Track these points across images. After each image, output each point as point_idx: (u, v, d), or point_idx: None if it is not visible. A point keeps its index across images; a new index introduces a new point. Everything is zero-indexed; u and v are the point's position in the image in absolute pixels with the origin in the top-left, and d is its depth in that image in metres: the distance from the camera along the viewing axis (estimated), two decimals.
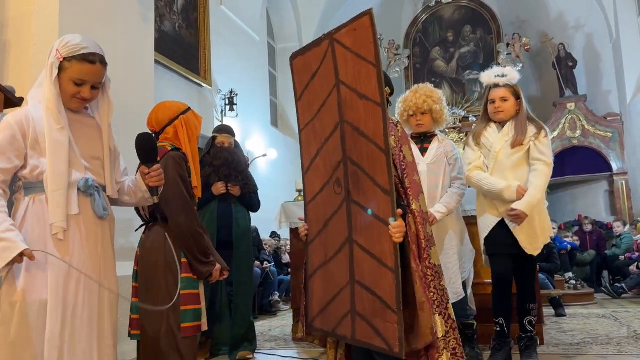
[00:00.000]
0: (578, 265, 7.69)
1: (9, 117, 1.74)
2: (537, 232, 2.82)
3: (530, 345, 2.87)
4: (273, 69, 10.77)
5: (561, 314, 5.00)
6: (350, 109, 2.00)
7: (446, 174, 3.12)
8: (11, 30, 3.35)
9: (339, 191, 2.06)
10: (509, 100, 2.92)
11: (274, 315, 6.11)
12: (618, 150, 9.83)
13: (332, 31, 2.05)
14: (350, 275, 2.00)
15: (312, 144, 2.20)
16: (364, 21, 1.90)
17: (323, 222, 2.16)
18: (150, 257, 2.14)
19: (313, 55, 2.17)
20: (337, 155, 2.07)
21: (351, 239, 2.02)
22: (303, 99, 2.26)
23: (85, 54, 1.77)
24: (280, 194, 7.62)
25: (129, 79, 3.72)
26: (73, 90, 1.77)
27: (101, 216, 1.80)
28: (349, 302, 2.00)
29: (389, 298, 1.84)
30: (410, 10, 12.02)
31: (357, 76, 1.95)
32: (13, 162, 1.69)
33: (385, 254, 1.87)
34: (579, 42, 10.78)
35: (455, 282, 3.02)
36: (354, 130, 1.99)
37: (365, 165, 1.96)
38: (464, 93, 11.04)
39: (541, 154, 2.83)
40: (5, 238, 1.58)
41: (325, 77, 2.11)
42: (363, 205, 1.97)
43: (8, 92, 2.33)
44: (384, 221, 1.89)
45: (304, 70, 2.23)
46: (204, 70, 7.41)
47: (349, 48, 1.98)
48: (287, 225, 4.19)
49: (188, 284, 2.14)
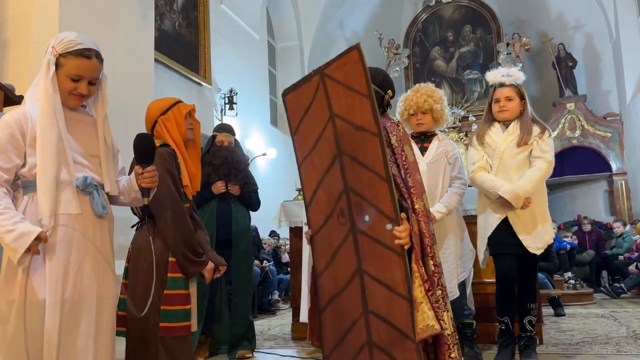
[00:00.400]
0: (577, 265, 7.70)
1: (6, 116, 1.75)
2: (539, 230, 2.83)
3: (530, 345, 2.88)
4: (273, 68, 10.76)
5: (560, 313, 5.01)
6: (347, 140, 2.02)
7: (446, 174, 3.12)
8: (11, 29, 3.35)
9: (343, 222, 2.06)
10: (513, 100, 2.92)
11: (273, 315, 6.11)
12: (617, 150, 9.83)
13: (321, 67, 2.08)
14: (364, 306, 1.98)
15: (312, 177, 2.21)
16: (352, 55, 1.93)
17: (330, 255, 2.14)
18: (137, 255, 2.13)
19: (304, 91, 2.19)
20: (339, 186, 2.07)
21: (361, 269, 2.00)
22: (299, 133, 2.27)
23: (80, 49, 1.77)
24: (279, 193, 7.62)
25: (128, 78, 3.72)
26: (70, 86, 1.77)
27: (100, 215, 1.80)
28: (364, 334, 1.98)
29: (405, 327, 1.84)
30: (410, 9, 12.02)
31: (351, 108, 1.97)
32: (14, 160, 1.70)
33: (397, 281, 1.87)
34: (578, 42, 10.78)
35: (450, 282, 3.02)
36: (353, 161, 2.00)
37: (367, 194, 1.96)
38: (463, 93, 11.04)
39: (542, 152, 2.85)
40: (17, 228, 1.60)
41: (318, 111, 2.12)
42: (370, 234, 1.97)
43: (8, 90, 2.33)
44: (392, 248, 1.88)
45: (297, 106, 2.25)
46: (203, 69, 7.41)
47: (340, 82, 2.00)
48: (287, 224, 4.19)
49: (174, 284, 2.08)
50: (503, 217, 2.85)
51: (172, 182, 2.15)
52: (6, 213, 1.63)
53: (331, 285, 2.15)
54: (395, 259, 1.86)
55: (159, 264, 2.08)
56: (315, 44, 11.42)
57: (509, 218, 2.84)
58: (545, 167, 2.83)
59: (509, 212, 2.83)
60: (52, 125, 1.72)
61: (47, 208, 1.68)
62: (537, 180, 2.80)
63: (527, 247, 2.80)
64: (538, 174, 2.81)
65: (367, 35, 11.72)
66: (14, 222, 1.61)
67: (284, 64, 11.13)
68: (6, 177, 1.68)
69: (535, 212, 2.83)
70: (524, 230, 2.81)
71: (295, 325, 4.13)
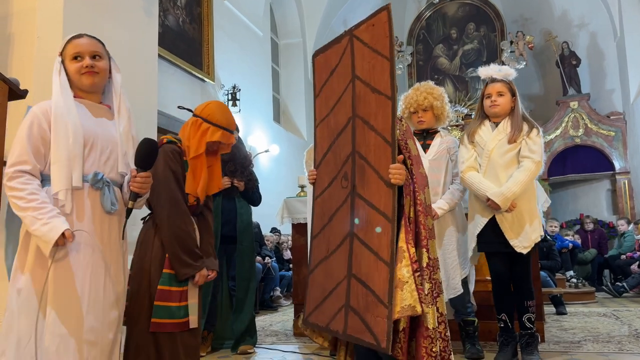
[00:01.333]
0: (579, 263, 7.69)
1: (34, 108, 1.83)
2: (526, 230, 2.82)
3: (531, 343, 2.88)
4: (276, 65, 10.76)
5: (562, 312, 5.00)
6: (362, 103, 2.04)
7: (448, 170, 3.13)
8: (16, 24, 3.36)
9: (345, 185, 2.09)
10: (505, 96, 2.93)
11: (275, 311, 6.13)
12: (621, 149, 9.81)
13: (352, 27, 2.13)
14: (348, 269, 2.01)
15: (325, 140, 2.24)
16: (381, 16, 1.98)
17: (328, 217, 2.18)
18: (139, 248, 2.14)
19: (333, 52, 2.23)
20: (347, 149, 2.10)
21: (352, 233, 2.03)
22: (321, 95, 2.31)
23: (71, 37, 1.92)
24: (282, 189, 7.63)
25: (132, 74, 3.72)
26: (76, 65, 1.87)
27: (108, 210, 1.83)
28: (344, 297, 2.01)
29: (381, 292, 1.85)
30: (414, 7, 12.00)
31: (372, 71, 2.00)
32: (40, 149, 1.77)
33: (383, 247, 1.89)
34: (582, 40, 10.75)
35: (454, 278, 3.03)
36: (364, 124, 2.02)
37: (372, 158, 1.98)
38: (466, 90, 11.03)
39: (530, 152, 2.83)
40: (51, 222, 1.68)
41: (342, 73, 2.15)
42: (366, 198, 1.98)
43: (12, 84, 2.34)
44: (384, 214, 1.89)
45: (324, 67, 2.28)
46: (207, 65, 7.41)
47: (366, 43, 2.04)
48: (289, 220, 4.20)
49: (168, 280, 2.06)
50: (490, 216, 2.86)
51: (175, 181, 2.10)
52: (43, 208, 1.69)
53: (322, 248, 2.17)
54: (386, 224, 1.88)
55: (156, 258, 2.07)
56: (319, 41, 11.40)
57: (496, 218, 2.85)
58: (533, 167, 2.80)
59: (496, 212, 2.84)
60: (64, 109, 1.79)
61: (62, 182, 1.73)
62: (525, 181, 2.78)
63: (514, 247, 2.81)
64: (525, 175, 2.79)
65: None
66: (50, 217, 1.68)
67: (287, 61, 11.13)
68: (38, 166, 1.76)
69: (523, 211, 2.83)
70: (511, 229, 2.82)
71: (297, 322, 4.13)
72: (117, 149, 1.89)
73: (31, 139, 1.75)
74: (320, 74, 2.33)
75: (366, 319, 1.89)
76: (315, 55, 2.37)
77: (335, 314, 2.04)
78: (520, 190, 2.78)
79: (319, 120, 2.33)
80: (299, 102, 10.90)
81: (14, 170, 1.72)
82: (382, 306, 1.83)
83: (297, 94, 10.96)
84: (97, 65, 1.89)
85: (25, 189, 1.70)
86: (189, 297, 2.10)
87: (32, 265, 1.72)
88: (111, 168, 1.87)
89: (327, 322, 2.08)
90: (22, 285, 1.71)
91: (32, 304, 1.69)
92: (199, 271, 2.11)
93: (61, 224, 1.68)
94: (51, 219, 1.68)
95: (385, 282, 1.84)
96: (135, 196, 1.86)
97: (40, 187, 1.74)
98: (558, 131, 10.11)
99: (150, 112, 3.92)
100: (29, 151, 1.74)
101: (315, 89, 2.36)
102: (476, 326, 3.17)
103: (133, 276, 2.10)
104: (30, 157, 1.74)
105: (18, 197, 1.69)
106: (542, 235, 2.88)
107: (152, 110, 3.96)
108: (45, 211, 1.68)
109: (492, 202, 2.79)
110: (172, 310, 2.04)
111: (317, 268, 2.21)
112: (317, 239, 2.24)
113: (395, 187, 1.89)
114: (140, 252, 2.13)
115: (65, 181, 1.74)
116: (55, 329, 1.68)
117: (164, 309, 2.03)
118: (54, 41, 3.17)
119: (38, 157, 1.76)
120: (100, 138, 1.85)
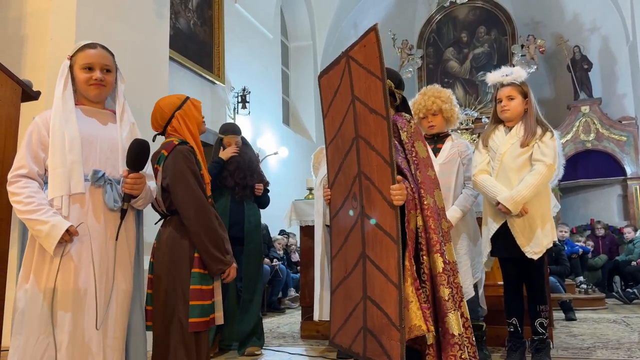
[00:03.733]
0: (589, 269, 7.62)
1: (37, 117, 1.89)
2: (538, 235, 2.79)
3: (542, 349, 2.85)
4: (286, 68, 10.78)
5: (571, 317, 4.96)
6: (363, 123, 2.05)
7: (459, 174, 3.11)
8: (29, 25, 3.40)
9: (355, 205, 2.10)
10: (515, 99, 2.91)
11: (282, 313, 6.13)
12: (632, 155, 9.72)
13: (348, 48, 2.15)
14: (364, 291, 2.00)
15: (336, 159, 2.27)
16: (370, 37, 2.00)
17: (344, 237, 2.18)
18: (163, 250, 2.14)
19: (335, 73, 2.26)
20: (354, 169, 2.11)
21: (364, 254, 2.02)
22: (329, 115, 2.35)
23: (85, 44, 1.95)
24: (290, 192, 7.63)
25: (143, 75, 3.75)
26: (86, 75, 1.91)
27: (111, 207, 1.86)
28: (362, 319, 2.00)
29: (393, 314, 1.84)
30: (424, 10, 11.97)
31: (368, 91, 2.02)
32: (40, 154, 1.82)
33: (391, 269, 1.88)
34: (594, 44, 10.66)
35: (464, 282, 3.02)
36: (366, 145, 2.03)
37: (375, 179, 1.98)
38: (477, 94, 10.98)
39: (542, 155, 2.79)
40: (50, 221, 1.72)
41: (344, 93, 2.18)
42: (373, 219, 1.99)
43: (25, 85, 2.36)
44: (390, 235, 1.89)
45: (329, 88, 2.32)
46: (217, 67, 7.45)
47: (361, 64, 2.06)
48: (297, 223, 4.20)
49: (199, 279, 2.09)
50: (503, 221, 2.84)
51: (195, 180, 2.12)
52: (41, 209, 1.73)
53: (341, 268, 2.18)
54: (392, 246, 1.87)
55: (185, 259, 2.09)
56: (329, 43, 11.42)
57: (507, 222, 2.83)
58: (545, 170, 2.76)
59: (507, 217, 2.82)
60: (62, 117, 1.83)
61: (57, 189, 1.77)
62: (536, 185, 2.74)
63: (525, 252, 2.78)
64: (536, 179, 2.75)
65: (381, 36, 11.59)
66: (48, 217, 1.73)
67: (297, 64, 11.15)
68: (37, 169, 1.81)
69: (535, 215, 2.79)
70: (522, 234, 2.80)
71: (304, 324, 4.14)
72: (118, 149, 1.92)
73: (30, 146, 1.82)
74: (326, 95, 2.37)
75: (382, 341, 1.88)
76: (320, 76, 2.42)
77: (356, 335, 2.04)
78: (531, 194, 2.74)
79: (329, 140, 2.36)
80: (308, 105, 10.91)
81: (12, 176, 1.79)
82: (394, 329, 1.82)
83: (306, 96, 10.98)
84: (106, 79, 1.94)
85: (23, 192, 1.75)
86: (214, 295, 2.15)
87: (39, 265, 1.75)
88: (112, 167, 1.90)
89: (349, 344, 2.08)
90: (30, 286, 1.74)
91: (41, 303, 1.72)
92: (230, 265, 2.15)
93: (63, 221, 1.73)
94: (50, 218, 1.72)
95: (396, 304, 1.83)
96: (129, 197, 1.89)
97: (39, 189, 1.80)
98: (569, 136, 10.03)
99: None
100: (27, 156, 1.80)
101: (323, 110, 2.40)
102: (484, 331, 3.15)
103: (157, 279, 2.11)
104: (28, 161, 1.79)
105: (17, 201, 1.76)
106: (561, 241, 2.86)
107: None
108: (44, 211, 1.73)
109: (503, 206, 2.77)
110: (205, 308, 2.09)
111: (338, 288, 2.21)
112: (337, 259, 2.24)
113: (397, 208, 1.88)
114: (166, 255, 2.12)
115: (60, 188, 1.78)
116: (64, 327, 1.71)
117: (198, 307, 2.07)
118: (66, 43, 3.21)
119: (37, 162, 1.82)
120: (100, 138, 1.89)
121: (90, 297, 1.77)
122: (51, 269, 1.74)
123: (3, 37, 3.45)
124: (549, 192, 2.96)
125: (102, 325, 1.80)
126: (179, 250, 2.10)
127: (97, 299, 1.79)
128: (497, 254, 2.94)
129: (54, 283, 1.73)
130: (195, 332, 2.06)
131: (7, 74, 2.25)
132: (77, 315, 1.75)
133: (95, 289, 1.78)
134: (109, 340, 1.82)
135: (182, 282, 2.07)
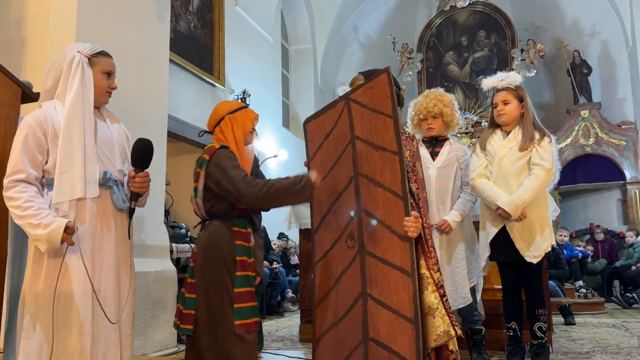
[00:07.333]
0: (589, 273, 7.62)
1: (27, 117, 1.84)
2: (537, 239, 2.79)
3: (541, 353, 2.84)
4: (286, 71, 10.80)
5: (570, 322, 4.96)
6: (365, 161, 2.08)
7: (457, 178, 3.11)
8: (30, 27, 3.40)
9: (351, 244, 2.06)
10: (511, 103, 2.91)
11: (281, 316, 6.12)
12: (632, 159, 9.73)
13: (347, 93, 2.22)
14: (364, 333, 1.95)
15: (324, 201, 2.23)
16: (381, 78, 2.07)
17: (334, 280, 2.13)
18: (205, 255, 2.11)
19: (327, 117, 2.30)
20: (351, 208, 2.09)
21: (365, 293, 1.98)
22: (315, 159, 2.32)
23: (104, 50, 1.97)
24: None
25: (143, 78, 3.76)
26: (105, 83, 1.93)
27: (120, 208, 1.88)
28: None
29: (407, 352, 1.80)
30: (424, 14, 12.00)
31: (374, 130, 2.07)
32: (38, 157, 1.79)
33: (404, 304, 1.84)
34: (594, 49, 10.68)
35: (463, 287, 3.02)
36: (370, 182, 2.05)
37: (381, 214, 1.98)
38: (476, 98, 10.98)
39: (541, 159, 2.79)
40: (49, 223, 1.70)
41: (340, 135, 2.21)
42: (379, 256, 1.97)
43: (25, 87, 2.35)
44: (402, 269, 1.87)
45: (317, 132, 2.34)
46: (217, 70, 7.45)
47: (365, 105, 2.11)
48: (297, 226, 4.20)
49: (243, 282, 2.10)
50: (501, 226, 2.84)
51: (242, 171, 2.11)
52: (39, 213, 1.71)
53: (330, 315, 2.11)
54: (404, 280, 1.84)
55: (229, 262, 2.08)
56: (329, 47, 11.44)
57: (506, 226, 2.83)
58: (544, 175, 2.76)
59: (506, 221, 2.82)
60: (80, 120, 1.81)
61: (65, 193, 1.75)
62: (535, 189, 2.75)
63: (524, 256, 2.78)
64: (535, 183, 2.75)
65: (381, 39, 11.72)
66: (48, 220, 1.70)
67: (297, 67, 11.17)
68: (35, 173, 1.78)
69: (534, 219, 2.80)
70: (521, 238, 2.80)
71: (303, 327, 4.13)
72: (115, 148, 1.93)
73: (27, 149, 1.77)
74: (313, 139, 2.37)
75: None
76: (306, 122, 2.44)
77: None
78: (530, 198, 2.75)
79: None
80: (308, 108, 10.92)
81: (9, 180, 1.75)
82: None
83: (306, 99, 10.99)
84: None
85: (21, 197, 1.72)
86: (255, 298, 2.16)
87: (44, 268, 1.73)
88: (113, 166, 1.91)
89: None
90: (37, 289, 1.72)
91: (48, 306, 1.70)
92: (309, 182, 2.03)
93: (60, 221, 1.70)
94: (49, 221, 1.70)
95: (412, 341, 1.79)
96: (137, 196, 1.91)
97: (37, 193, 1.76)
98: (568, 140, 10.04)
99: (160, 116, 3.95)
100: (24, 160, 1.76)
101: (308, 154, 2.38)
102: (483, 335, 3.14)
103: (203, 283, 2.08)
104: (26, 165, 1.75)
105: (15, 206, 1.72)
106: (559, 245, 2.86)
107: (162, 114, 3.99)
108: (43, 215, 1.70)
109: (502, 211, 2.77)
110: (252, 309, 2.11)
111: (325, 335, 2.13)
112: (323, 305, 2.16)
113: (411, 240, 1.88)
114: (208, 258, 2.10)
115: (70, 192, 1.76)
116: (80, 329, 1.71)
117: (245, 309, 2.08)
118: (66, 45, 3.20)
119: (35, 165, 1.78)
120: (99, 138, 1.89)
121: (101, 296, 1.77)
122: (58, 270, 1.72)
123: (3, 38, 3.45)
124: (547, 196, 2.97)
125: (119, 322, 1.82)
126: (219, 254, 2.08)
127: (118, 298, 1.80)
128: (495, 258, 2.94)
129: (65, 285, 1.72)
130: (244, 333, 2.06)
131: (7, 76, 2.25)
132: (95, 317, 1.75)
133: (103, 289, 1.79)
134: (123, 338, 1.85)
135: (225, 285, 2.07)
